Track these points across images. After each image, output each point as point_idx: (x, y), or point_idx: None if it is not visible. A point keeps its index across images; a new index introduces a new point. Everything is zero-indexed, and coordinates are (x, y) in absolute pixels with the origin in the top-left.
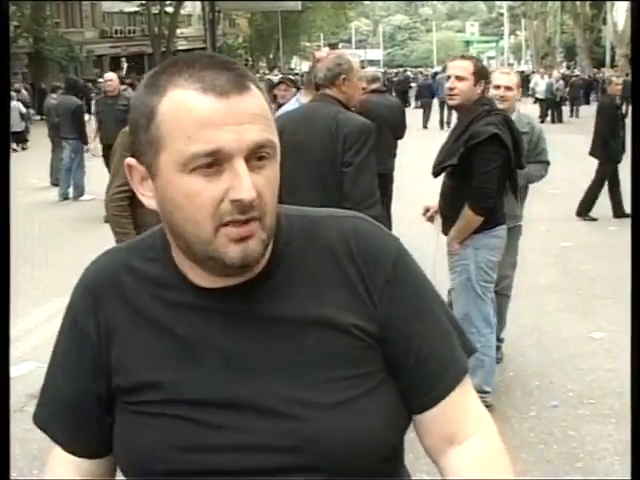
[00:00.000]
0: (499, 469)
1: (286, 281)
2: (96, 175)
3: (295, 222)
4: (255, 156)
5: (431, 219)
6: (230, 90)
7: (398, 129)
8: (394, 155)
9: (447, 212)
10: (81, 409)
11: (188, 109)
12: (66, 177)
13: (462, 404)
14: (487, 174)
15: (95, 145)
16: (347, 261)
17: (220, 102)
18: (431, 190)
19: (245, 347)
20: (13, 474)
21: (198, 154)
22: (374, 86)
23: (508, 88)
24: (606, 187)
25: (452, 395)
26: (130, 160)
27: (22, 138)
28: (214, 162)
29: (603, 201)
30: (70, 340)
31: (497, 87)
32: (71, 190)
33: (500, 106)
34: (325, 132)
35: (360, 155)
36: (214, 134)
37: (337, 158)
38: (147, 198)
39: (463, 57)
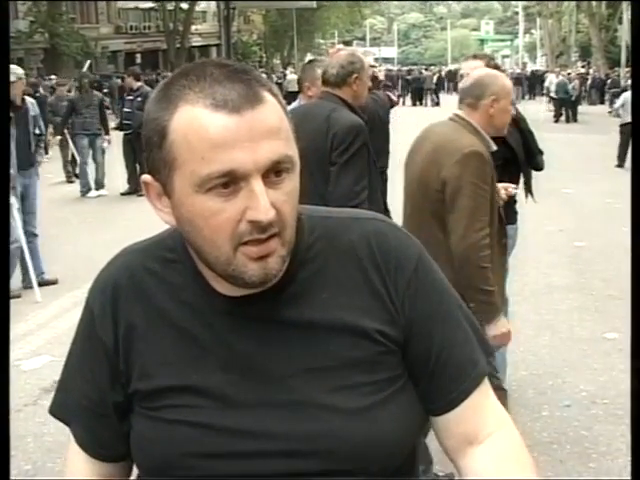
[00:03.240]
0: (520, 467)
1: (308, 285)
2: (109, 171)
3: (316, 224)
4: (273, 171)
5: None
6: (242, 105)
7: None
8: (388, 152)
9: None
10: (97, 414)
11: (199, 129)
12: (86, 171)
13: (482, 405)
14: None
15: None
16: (369, 264)
17: (232, 119)
18: None
19: (267, 353)
20: (27, 467)
21: (212, 175)
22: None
23: None
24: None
25: (472, 397)
26: (146, 177)
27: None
28: (230, 181)
29: (615, 202)
30: (87, 344)
31: None
32: (92, 183)
33: None
34: (317, 132)
35: (345, 155)
36: (228, 154)
37: (327, 158)
38: (166, 214)
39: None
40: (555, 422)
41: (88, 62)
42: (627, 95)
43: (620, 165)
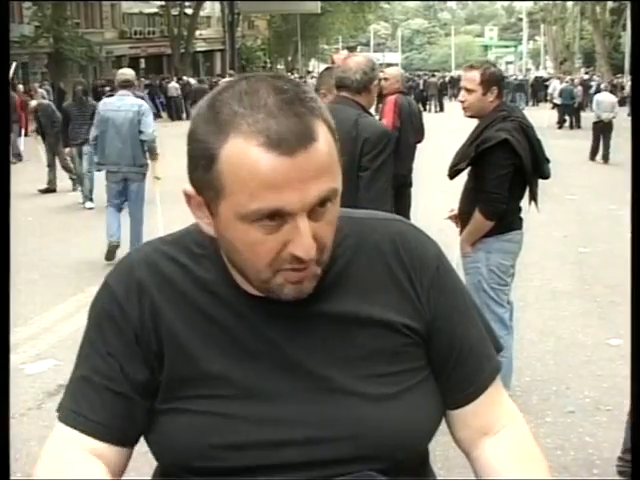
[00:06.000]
0: (533, 458)
1: (336, 282)
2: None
3: (343, 224)
4: (318, 204)
5: (454, 220)
6: (296, 147)
7: (419, 132)
8: (413, 158)
9: (464, 215)
10: (118, 393)
11: (251, 166)
12: (91, 180)
13: (496, 400)
14: (497, 179)
15: None
16: (395, 263)
17: (285, 161)
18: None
19: (296, 343)
20: (31, 470)
21: (259, 211)
22: (401, 87)
23: None
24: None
25: (488, 391)
26: (189, 190)
27: None
28: (276, 215)
29: (619, 209)
30: (109, 322)
31: None
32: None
33: None
34: (345, 137)
35: (378, 161)
36: (277, 194)
37: (355, 162)
38: (205, 224)
39: (472, 67)
40: (559, 428)
41: (14, 64)
42: (597, 97)
43: (592, 158)
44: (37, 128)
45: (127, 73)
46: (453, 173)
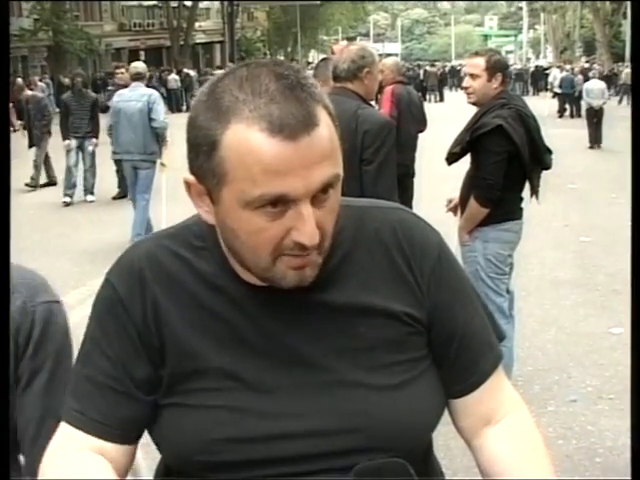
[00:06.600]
0: (534, 447)
1: (337, 271)
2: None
3: (341, 213)
4: (320, 190)
5: (454, 211)
6: (298, 131)
7: (421, 122)
8: (415, 147)
9: (463, 201)
10: (121, 393)
11: (254, 152)
12: (72, 175)
13: (499, 388)
14: (491, 166)
15: None
16: (395, 251)
17: (288, 146)
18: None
19: (299, 335)
20: None
21: (263, 197)
22: (399, 77)
23: None
24: None
25: (490, 380)
26: (189, 178)
27: None
28: (279, 201)
29: (620, 198)
30: (112, 320)
31: None
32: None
33: None
34: (345, 129)
35: (381, 153)
36: (280, 180)
37: (355, 155)
38: (206, 213)
39: (477, 53)
40: (561, 417)
41: None
42: (586, 85)
43: (591, 147)
44: (25, 122)
45: (139, 66)
46: (450, 157)
